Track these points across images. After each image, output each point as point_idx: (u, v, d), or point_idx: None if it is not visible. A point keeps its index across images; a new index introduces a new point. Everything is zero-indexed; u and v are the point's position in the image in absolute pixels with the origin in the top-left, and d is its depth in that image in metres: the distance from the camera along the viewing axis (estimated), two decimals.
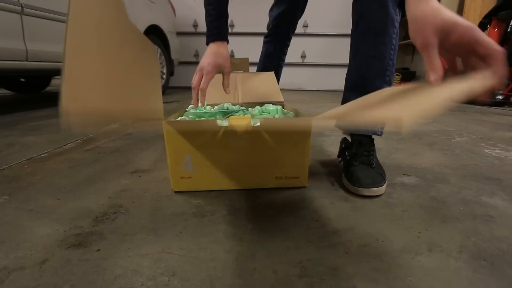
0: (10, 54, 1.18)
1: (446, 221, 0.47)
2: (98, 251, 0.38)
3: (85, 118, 0.27)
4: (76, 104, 0.26)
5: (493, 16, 2.32)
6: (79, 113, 0.26)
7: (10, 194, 0.54)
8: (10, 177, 0.63)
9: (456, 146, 0.93)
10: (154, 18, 2.25)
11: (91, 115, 0.28)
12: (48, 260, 0.36)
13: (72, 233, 0.42)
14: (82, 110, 0.26)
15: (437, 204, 0.53)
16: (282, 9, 1.02)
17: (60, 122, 0.26)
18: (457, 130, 1.20)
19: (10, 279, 0.33)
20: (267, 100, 0.89)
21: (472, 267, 0.36)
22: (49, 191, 0.56)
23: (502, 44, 2.28)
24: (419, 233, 0.43)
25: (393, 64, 0.63)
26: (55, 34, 1.38)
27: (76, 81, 0.27)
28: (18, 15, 1.18)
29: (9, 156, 0.77)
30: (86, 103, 0.27)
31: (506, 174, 0.68)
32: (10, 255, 0.37)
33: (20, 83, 2.41)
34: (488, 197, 0.56)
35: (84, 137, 0.98)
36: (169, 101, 2.03)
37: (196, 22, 3.14)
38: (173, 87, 3.19)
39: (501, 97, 2.13)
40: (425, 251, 0.39)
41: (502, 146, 0.94)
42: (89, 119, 0.28)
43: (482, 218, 0.48)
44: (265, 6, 2.95)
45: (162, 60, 2.47)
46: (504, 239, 0.42)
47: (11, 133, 1.03)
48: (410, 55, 3.33)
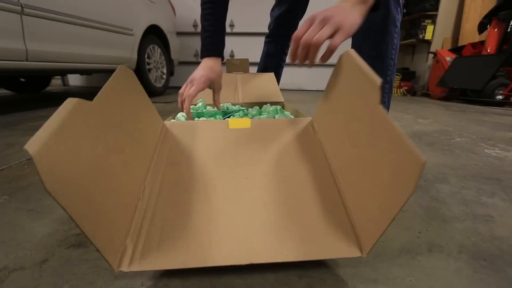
0: (10, 54, 1.18)
1: (446, 221, 0.47)
2: (98, 251, 0.38)
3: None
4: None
5: (493, 16, 2.32)
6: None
7: (10, 194, 0.54)
8: (10, 177, 0.63)
9: (456, 146, 0.93)
10: (154, 18, 2.25)
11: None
12: (48, 260, 0.36)
13: (72, 233, 0.42)
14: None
15: (437, 204, 0.53)
16: (284, 9, 1.02)
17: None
18: (457, 130, 1.20)
19: (10, 279, 0.33)
20: (267, 100, 0.89)
21: (472, 267, 0.36)
22: None
23: (502, 44, 2.29)
24: (419, 233, 0.43)
25: (394, 64, 0.64)
26: (55, 34, 1.38)
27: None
28: (18, 15, 1.18)
29: (9, 156, 0.77)
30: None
31: (506, 174, 0.68)
32: (10, 255, 0.37)
33: (20, 83, 2.41)
34: (488, 197, 0.56)
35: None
36: (169, 101, 2.03)
37: (196, 22, 3.13)
38: (173, 87, 3.19)
39: (501, 97, 2.13)
40: (425, 251, 0.39)
41: (502, 146, 0.94)
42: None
43: (482, 218, 0.48)
44: (265, 6, 2.98)
45: (162, 60, 2.47)
46: (504, 239, 0.42)
47: (11, 133, 1.03)
48: (410, 55, 3.33)
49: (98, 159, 0.31)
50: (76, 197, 0.26)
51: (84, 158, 0.29)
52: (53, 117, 0.26)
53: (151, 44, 2.27)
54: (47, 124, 0.25)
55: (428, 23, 2.95)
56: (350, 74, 0.39)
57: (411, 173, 0.25)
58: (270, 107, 0.83)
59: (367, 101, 0.34)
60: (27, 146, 0.22)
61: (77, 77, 3.40)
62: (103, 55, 1.75)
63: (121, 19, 1.85)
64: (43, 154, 0.23)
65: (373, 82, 0.32)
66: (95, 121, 0.32)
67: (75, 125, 0.28)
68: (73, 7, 1.46)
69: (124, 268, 0.31)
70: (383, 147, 0.30)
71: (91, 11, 1.59)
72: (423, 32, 2.97)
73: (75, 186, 0.26)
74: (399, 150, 0.27)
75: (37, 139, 0.23)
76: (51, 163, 0.24)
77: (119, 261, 0.31)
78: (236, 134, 0.49)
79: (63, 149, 0.26)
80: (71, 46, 1.50)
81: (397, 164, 0.28)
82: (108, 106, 0.35)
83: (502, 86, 2.13)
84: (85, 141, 0.29)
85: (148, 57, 2.24)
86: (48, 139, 0.24)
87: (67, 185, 0.25)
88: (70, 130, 0.27)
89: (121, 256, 0.31)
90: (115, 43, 1.83)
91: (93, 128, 0.31)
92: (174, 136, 0.49)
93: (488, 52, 2.32)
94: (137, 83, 0.45)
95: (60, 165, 0.25)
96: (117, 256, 0.31)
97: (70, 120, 0.27)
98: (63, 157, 0.26)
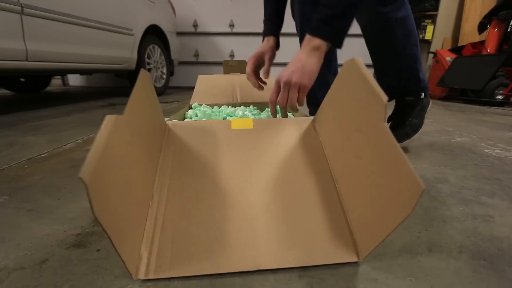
0: (10, 54, 1.18)
1: (446, 221, 0.47)
2: (98, 251, 0.38)
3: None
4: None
5: (493, 16, 2.32)
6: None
7: (10, 194, 0.54)
8: (10, 177, 0.63)
9: (456, 146, 0.93)
10: (154, 18, 2.25)
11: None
12: (48, 260, 0.36)
13: (72, 233, 0.42)
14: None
15: (437, 204, 0.53)
16: None
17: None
18: (457, 130, 1.20)
19: (10, 279, 0.33)
20: (266, 100, 0.89)
21: (472, 267, 0.36)
22: (49, 191, 0.56)
23: (502, 44, 2.29)
24: (419, 233, 0.43)
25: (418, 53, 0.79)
26: (55, 34, 1.38)
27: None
28: (18, 15, 1.18)
29: (9, 156, 0.77)
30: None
31: (506, 174, 0.68)
32: (10, 255, 0.37)
33: (20, 83, 2.41)
34: (488, 197, 0.56)
35: (84, 137, 0.98)
36: (169, 101, 2.03)
37: (196, 22, 3.13)
38: (173, 87, 3.19)
39: (501, 97, 2.13)
40: (425, 251, 0.39)
41: (502, 146, 0.94)
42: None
43: (482, 218, 0.48)
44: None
45: (162, 60, 2.47)
46: (504, 239, 0.42)
47: (11, 133, 1.03)
48: None
49: (126, 174, 0.32)
50: (113, 217, 0.27)
51: (118, 177, 0.29)
52: (99, 138, 0.27)
53: (151, 44, 2.27)
54: (95, 147, 0.25)
55: (428, 23, 2.95)
56: (355, 83, 0.39)
57: (410, 197, 0.26)
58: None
59: (371, 116, 0.34)
60: (82, 175, 0.22)
61: (77, 77, 3.40)
62: (103, 55, 1.75)
63: (121, 19, 1.85)
64: (95, 181, 0.24)
65: (379, 99, 0.33)
66: (126, 135, 0.33)
67: (114, 144, 0.29)
68: (73, 7, 1.46)
69: (142, 276, 0.32)
70: (386, 165, 0.31)
71: (91, 11, 1.59)
72: (423, 32, 2.97)
73: (113, 207, 0.27)
74: (401, 172, 0.28)
75: (89, 166, 0.24)
76: (99, 188, 0.24)
77: (136, 269, 0.32)
78: (239, 136, 0.49)
79: (106, 171, 0.26)
80: (71, 46, 1.50)
81: (398, 185, 0.29)
82: (134, 116, 0.36)
83: (502, 86, 2.12)
84: (119, 158, 0.30)
85: (148, 57, 2.24)
86: (97, 164, 0.25)
87: (108, 207, 0.26)
88: (111, 149, 0.28)
89: (137, 264, 0.32)
90: (115, 43, 1.83)
91: (124, 143, 0.32)
92: (177, 137, 0.49)
93: (488, 52, 2.32)
94: (151, 86, 0.45)
95: (104, 189, 0.26)
96: (135, 265, 0.32)
97: (110, 140, 0.28)
98: (106, 179, 0.26)
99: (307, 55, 0.56)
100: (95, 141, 0.26)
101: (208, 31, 3.14)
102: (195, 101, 0.89)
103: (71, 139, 0.95)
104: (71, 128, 1.12)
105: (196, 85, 0.98)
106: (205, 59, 3.26)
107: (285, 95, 0.57)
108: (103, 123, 0.28)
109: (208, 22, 3.12)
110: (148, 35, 2.19)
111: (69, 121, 1.27)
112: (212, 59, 3.22)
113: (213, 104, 0.88)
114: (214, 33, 3.14)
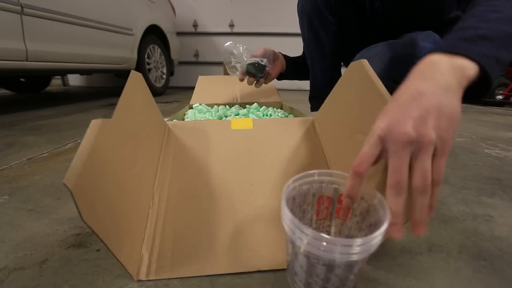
0: (10, 54, 1.18)
1: (446, 221, 0.47)
2: (98, 251, 0.38)
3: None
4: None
5: None
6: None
7: (10, 194, 0.54)
8: (10, 177, 0.63)
9: (456, 146, 0.93)
10: (154, 18, 2.25)
11: None
12: (48, 260, 0.36)
13: (72, 233, 0.42)
14: None
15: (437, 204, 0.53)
16: None
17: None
18: (457, 130, 1.20)
19: (10, 279, 0.33)
20: (265, 101, 0.90)
21: (472, 267, 0.36)
22: (49, 191, 0.56)
23: None
24: None
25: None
26: (55, 34, 1.38)
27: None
28: (18, 15, 1.18)
29: (9, 156, 0.77)
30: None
31: (506, 174, 0.68)
32: (10, 255, 0.37)
33: (20, 83, 2.41)
34: (488, 197, 0.56)
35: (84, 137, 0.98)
36: (169, 101, 2.03)
37: (196, 22, 3.13)
38: (173, 87, 3.19)
39: (501, 97, 2.13)
40: (425, 251, 0.39)
41: (502, 146, 0.94)
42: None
43: (482, 218, 0.48)
44: (265, 6, 3.00)
45: (162, 60, 2.47)
46: (504, 239, 0.42)
47: (11, 133, 1.03)
48: None
49: (118, 177, 0.32)
50: (105, 220, 0.27)
51: (108, 180, 0.29)
52: (83, 143, 0.27)
53: (151, 44, 2.27)
54: (79, 153, 0.26)
55: None
56: (360, 85, 0.39)
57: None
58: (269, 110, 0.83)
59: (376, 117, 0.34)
60: (66, 181, 0.23)
61: (77, 77, 3.40)
62: (103, 55, 1.75)
63: (121, 19, 1.85)
64: (80, 186, 0.24)
65: (385, 100, 0.33)
66: (115, 138, 0.33)
67: (101, 148, 0.29)
68: (73, 7, 1.46)
69: (143, 277, 0.32)
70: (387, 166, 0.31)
71: (91, 11, 1.59)
72: None
73: (104, 210, 0.27)
74: None
75: (73, 172, 0.24)
76: (85, 193, 0.24)
77: (138, 270, 0.32)
78: (239, 136, 0.49)
79: (93, 176, 0.26)
80: (71, 46, 1.50)
81: None
82: (124, 119, 0.36)
83: (502, 86, 2.13)
84: (108, 162, 0.30)
85: (148, 57, 2.24)
86: (82, 169, 0.25)
87: (98, 210, 0.26)
88: (97, 154, 0.28)
89: (138, 265, 0.32)
90: (115, 43, 1.83)
91: (113, 146, 0.32)
92: (177, 137, 0.49)
93: None
94: (145, 87, 0.45)
95: (92, 193, 0.26)
96: (136, 265, 0.32)
97: (96, 144, 0.28)
98: (93, 183, 0.26)
99: (437, 86, 0.28)
100: (80, 146, 0.26)
101: (208, 31, 3.14)
102: (195, 101, 0.89)
103: (71, 139, 0.95)
104: (71, 128, 1.12)
105: (196, 86, 0.98)
106: (205, 59, 3.26)
107: (420, 169, 0.28)
108: (88, 128, 0.28)
109: (208, 22, 3.12)
110: (148, 35, 2.19)
111: (69, 121, 1.27)
112: (212, 59, 3.22)
113: (213, 104, 0.89)
114: (214, 33, 3.14)
